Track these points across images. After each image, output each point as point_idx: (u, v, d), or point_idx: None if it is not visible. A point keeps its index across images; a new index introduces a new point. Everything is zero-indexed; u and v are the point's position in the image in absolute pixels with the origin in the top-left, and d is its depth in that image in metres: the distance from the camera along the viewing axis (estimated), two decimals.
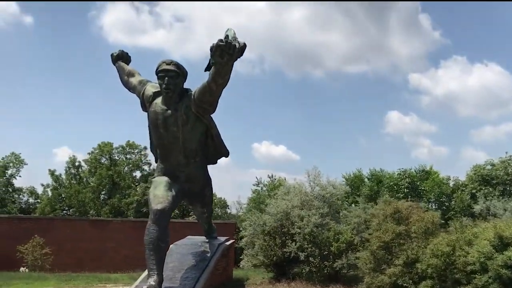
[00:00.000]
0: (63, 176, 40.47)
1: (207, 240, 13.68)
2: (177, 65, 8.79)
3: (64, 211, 38.50)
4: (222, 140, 9.82)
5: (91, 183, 38.50)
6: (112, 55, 10.86)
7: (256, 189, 34.86)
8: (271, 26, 79.42)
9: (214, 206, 42.42)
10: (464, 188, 28.95)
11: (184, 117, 8.84)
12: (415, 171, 30.20)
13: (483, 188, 27.22)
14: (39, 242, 27.26)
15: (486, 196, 25.42)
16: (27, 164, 40.74)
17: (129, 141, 41.00)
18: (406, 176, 28.04)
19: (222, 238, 15.09)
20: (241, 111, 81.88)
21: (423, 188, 27.40)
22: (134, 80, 10.29)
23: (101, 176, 37.83)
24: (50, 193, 40.76)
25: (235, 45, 6.36)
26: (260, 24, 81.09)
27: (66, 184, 39.58)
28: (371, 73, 79.52)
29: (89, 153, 40.15)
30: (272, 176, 35.37)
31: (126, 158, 40.91)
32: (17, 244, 26.75)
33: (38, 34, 74.94)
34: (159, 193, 9.04)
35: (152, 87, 9.72)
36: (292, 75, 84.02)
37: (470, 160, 75.50)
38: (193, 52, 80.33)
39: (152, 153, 10.85)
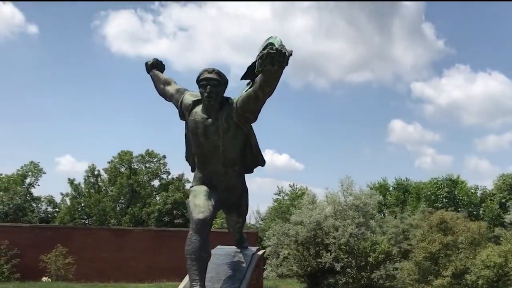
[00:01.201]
0: (82, 185, 40.30)
1: (239, 250, 13.36)
2: (219, 73, 8.52)
3: (83, 220, 38.25)
4: (259, 149, 9.57)
5: (110, 192, 38.27)
6: (146, 63, 10.59)
7: (277, 198, 34.44)
8: (274, 35, 79.54)
9: None
10: (492, 198, 28.40)
11: (225, 125, 8.47)
12: (442, 180, 29.79)
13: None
14: (62, 251, 27.04)
15: None
16: (45, 173, 40.71)
17: (148, 149, 40.88)
18: (444, 186, 27.52)
19: (253, 248, 14.74)
20: None
21: (460, 197, 26.91)
22: (170, 89, 9.95)
23: (121, 185, 37.59)
24: (68, 202, 40.59)
25: (285, 52, 6.25)
26: (263, 33, 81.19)
27: (85, 193, 39.39)
28: (374, 82, 79.56)
29: (108, 162, 40.09)
30: (293, 185, 35.03)
31: (145, 167, 40.72)
32: (40, 253, 26.48)
33: (43, 43, 75.34)
34: (200, 202, 8.64)
35: (191, 96, 9.39)
36: (296, 84, 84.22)
37: (474, 169, 75.13)
38: (196, 61, 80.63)
39: (188, 162, 10.49)
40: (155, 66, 10.47)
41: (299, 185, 44.80)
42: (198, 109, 8.79)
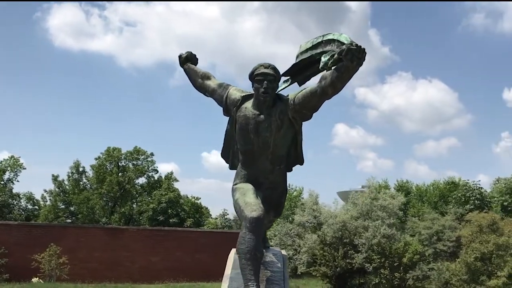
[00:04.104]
0: (66, 182, 38.57)
1: (265, 250, 13.00)
2: (275, 69, 8.30)
3: (68, 219, 36.58)
4: (302, 147, 9.26)
5: (98, 189, 36.76)
6: (180, 56, 10.12)
7: None
8: (223, 35, 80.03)
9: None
10: (491, 200, 28.84)
11: (279, 122, 8.27)
12: (443, 182, 30.10)
13: None
14: (56, 250, 25.76)
15: None
16: (25, 169, 38.83)
17: (136, 146, 39.60)
18: (475, 188, 27.70)
19: (277, 248, 14.35)
20: (191, 119, 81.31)
21: (488, 200, 27.14)
22: (211, 83, 9.57)
23: (111, 183, 36.21)
24: (50, 200, 38.74)
25: (364, 49, 6.16)
26: (212, 33, 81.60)
27: (70, 190, 37.71)
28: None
29: (96, 159, 38.51)
30: (289, 185, 34.68)
31: (133, 164, 39.42)
32: (29, 252, 25.15)
33: None
34: (251, 200, 8.26)
35: (237, 91, 9.10)
36: (244, 84, 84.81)
37: (413, 173, 78.28)
38: (143, 58, 79.49)
39: (223, 158, 10.04)
40: (189, 60, 10.02)
41: (294, 185, 44.63)
42: (249, 104, 8.43)
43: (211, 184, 72.48)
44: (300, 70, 7.82)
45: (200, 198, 39.21)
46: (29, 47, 71.73)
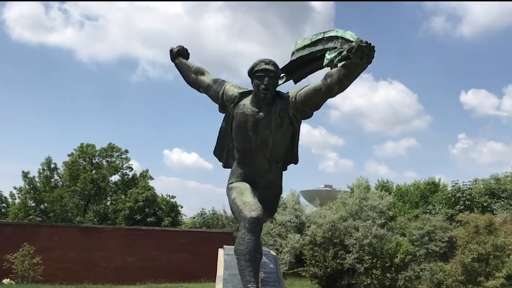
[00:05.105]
0: (36, 179, 37.13)
1: None
2: (276, 65, 8.09)
3: (39, 217, 35.21)
4: (298, 147, 9.07)
5: (72, 186, 35.48)
6: (171, 50, 9.76)
7: None
8: (187, 32, 79.42)
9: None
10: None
11: (278, 120, 8.08)
12: (423, 183, 30.34)
13: (494, 202, 27.57)
14: (29, 250, 24.73)
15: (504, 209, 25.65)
16: None
17: (110, 143, 38.50)
18: (465, 189, 27.88)
19: (265, 249, 14.08)
20: (152, 116, 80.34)
21: (477, 200, 27.36)
22: (206, 79, 9.29)
23: (85, 180, 35.03)
24: (19, 197, 37.23)
25: (374, 46, 6.08)
26: (176, 29, 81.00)
27: (40, 187, 36.31)
28: (284, 86, 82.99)
29: (69, 155, 37.18)
30: None
31: (107, 161, 38.33)
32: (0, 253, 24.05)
33: None
34: (249, 200, 8.07)
35: (234, 87, 8.86)
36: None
37: (373, 173, 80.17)
38: (104, 53, 77.91)
39: (216, 156, 9.73)
40: (181, 54, 9.65)
41: None
42: (247, 101, 8.16)
43: (173, 182, 71.43)
44: (297, 68, 7.64)
45: (175, 197, 38.42)
46: None
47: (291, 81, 7.77)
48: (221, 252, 11.31)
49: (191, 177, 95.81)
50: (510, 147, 79.59)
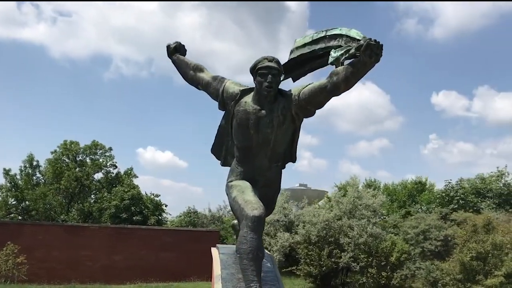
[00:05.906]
0: (18, 176, 36.25)
1: None
2: (279, 62, 8.01)
3: (20, 216, 34.42)
4: (297, 145, 9.02)
5: (55, 184, 34.72)
6: (168, 46, 9.63)
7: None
8: (162, 29, 79.13)
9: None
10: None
11: (281, 118, 8.05)
12: (411, 182, 30.54)
13: (480, 201, 27.89)
14: (13, 249, 24.09)
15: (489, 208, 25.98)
16: None
17: (94, 140, 37.87)
18: (458, 188, 28.05)
19: None
20: (126, 114, 79.53)
21: (470, 200, 27.54)
22: (205, 76, 9.17)
23: (69, 178, 34.31)
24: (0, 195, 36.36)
25: (382, 45, 6.11)
26: (150, 26, 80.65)
27: (22, 185, 35.48)
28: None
29: (52, 152, 36.42)
30: None
31: (90, 159, 37.67)
32: None
33: None
34: (251, 198, 8.04)
35: (235, 84, 8.77)
36: (181, 80, 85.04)
37: (346, 172, 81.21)
38: (76, 50, 76.90)
39: (214, 154, 9.65)
40: (178, 50, 9.48)
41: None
42: (248, 99, 8.08)
43: (147, 180, 70.74)
44: (296, 66, 7.55)
45: (160, 195, 37.97)
46: None
47: (290, 79, 7.66)
48: (215, 251, 11.02)
49: (165, 176, 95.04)
50: (479, 148, 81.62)
